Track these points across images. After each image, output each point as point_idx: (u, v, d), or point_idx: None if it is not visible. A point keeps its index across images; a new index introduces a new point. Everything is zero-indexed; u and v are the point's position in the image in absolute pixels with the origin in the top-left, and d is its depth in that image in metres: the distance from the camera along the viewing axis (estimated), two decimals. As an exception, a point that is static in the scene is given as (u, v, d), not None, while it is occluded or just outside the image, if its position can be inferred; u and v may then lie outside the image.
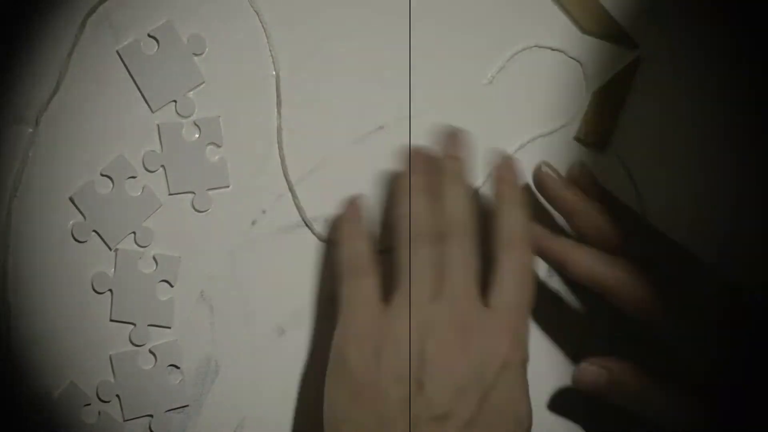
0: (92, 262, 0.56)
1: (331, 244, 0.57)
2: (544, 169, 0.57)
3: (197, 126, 0.57)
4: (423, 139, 0.58)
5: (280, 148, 0.58)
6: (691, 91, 0.60)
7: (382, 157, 0.58)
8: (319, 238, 0.58)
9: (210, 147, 0.57)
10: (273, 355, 0.57)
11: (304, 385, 0.57)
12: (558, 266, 0.56)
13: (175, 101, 0.57)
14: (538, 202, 0.58)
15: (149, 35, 0.57)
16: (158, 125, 0.57)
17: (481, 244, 0.53)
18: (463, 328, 0.51)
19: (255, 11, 0.58)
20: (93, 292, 0.56)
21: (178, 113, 0.57)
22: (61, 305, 0.55)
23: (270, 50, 0.58)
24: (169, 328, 0.56)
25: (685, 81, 0.60)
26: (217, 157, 0.57)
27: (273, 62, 0.58)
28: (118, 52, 0.56)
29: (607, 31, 0.60)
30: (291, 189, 0.58)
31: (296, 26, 0.58)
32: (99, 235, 0.56)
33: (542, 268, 0.59)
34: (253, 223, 0.57)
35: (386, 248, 0.55)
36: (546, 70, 0.60)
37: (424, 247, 0.52)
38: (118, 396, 0.55)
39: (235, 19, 0.58)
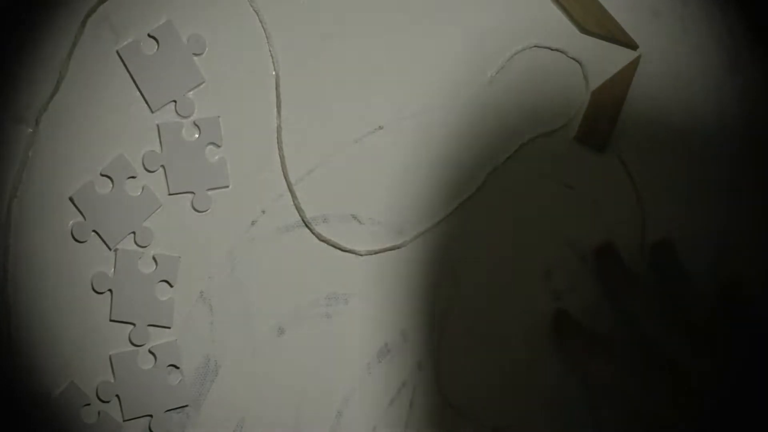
0: (92, 262, 0.56)
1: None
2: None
3: (197, 126, 0.57)
4: (422, 139, 0.58)
5: (280, 148, 0.58)
6: (691, 91, 0.60)
7: (381, 157, 0.58)
8: (319, 237, 0.58)
9: (210, 147, 0.57)
10: (272, 355, 0.57)
11: (304, 384, 0.57)
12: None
13: (174, 101, 0.57)
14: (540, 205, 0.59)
15: (149, 35, 0.57)
16: (158, 125, 0.57)
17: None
18: None
19: (255, 11, 0.58)
20: (93, 292, 0.56)
21: (177, 113, 0.57)
22: (61, 305, 0.55)
23: (270, 50, 0.58)
24: (169, 328, 0.56)
25: (685, 81, 0.60)
26: (216, 157, 0.57)
27: (273, 62, 0.58)
28: (118, 52, 0.56)
29: (607, 31, 0.59)
30: (290, 189, 0.58)
31: (296, 26, 0.58)
32: (99, 235, 0.56)
33: (540, 268, 0.59)
34: (253, 223, 0.57)
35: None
36: (546, 70, 0.60)
37: None
38: (117, 396, 0.55)
39: (235, 19, 0.57)
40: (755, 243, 0.60)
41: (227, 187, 0.57)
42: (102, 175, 0.56)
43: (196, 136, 0.57)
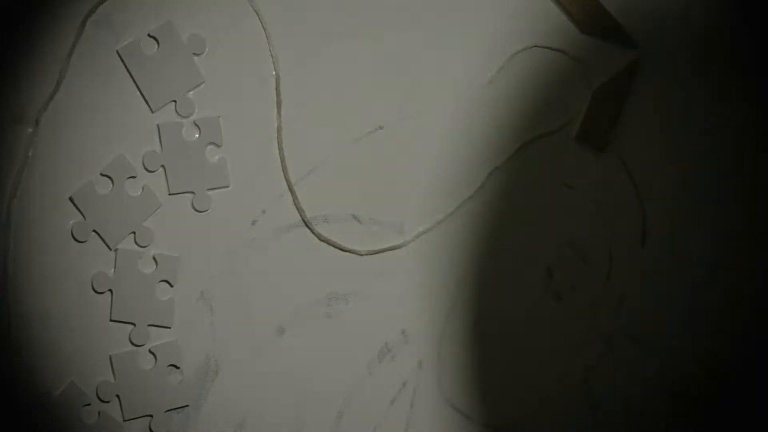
0: (92, 262, 0.56)
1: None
2: None
3: (197, 126, 0.57)
4: (422, 139, 0.58)
5: (280, 148, 0.58)
6: (691, 91, 0.60)
7: (381, 157, 0.58)
8: (319, 237, 0.58)
9: (210, 147, 0.57)
10: (273, 355, 0.57)
11: (304, 385, 0.57)
12: None
13: (175, 101, 0.57)
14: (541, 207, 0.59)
15: (149, 35, 0.57)
16: (158, 125, 0.57)
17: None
18: None
19: (255, 11, 0.58)
20: (93, 292, 0.56)
21: (178, 113, 0.57)
22: (61, 305, 0.55)
23: (270, 50, 0.58)
24: (169, 328, 0.56)
25: (685, 81, 0.60)
26: (217, 157, 0.57)
27: (273, 62, 0.58)
28: (118, 52, 0.56)
29: (607, 31, 0.60)
30: (291, 189, 0.58)
31: (296, 26, 0.58)
32: (99, 235, 0.56)
33: (540, 267, 0.59)
34: (253, 223, 0.57)
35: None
36: (546, 70, 0.60)
37: None
38: (118, 396, 0.55)
39: (235, 19, 0.57)
40: (755, 243, 0.60)
41: (227, 187, 0.57)
42: (102, 175, 0.56)
43: (196, 136, 0.57)
